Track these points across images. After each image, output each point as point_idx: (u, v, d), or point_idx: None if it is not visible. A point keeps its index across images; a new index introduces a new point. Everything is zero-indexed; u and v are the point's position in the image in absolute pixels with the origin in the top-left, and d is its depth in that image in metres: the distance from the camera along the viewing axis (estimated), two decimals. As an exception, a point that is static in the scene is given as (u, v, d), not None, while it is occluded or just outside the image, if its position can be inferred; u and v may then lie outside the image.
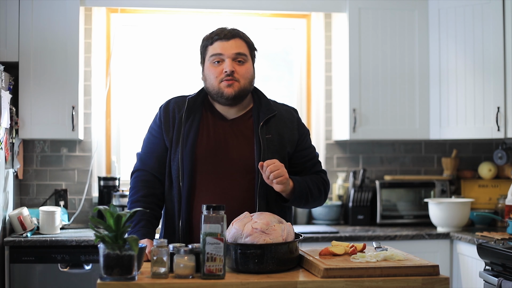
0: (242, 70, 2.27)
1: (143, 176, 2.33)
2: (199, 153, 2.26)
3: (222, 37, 2.26)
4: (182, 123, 2.29)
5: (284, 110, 2.39)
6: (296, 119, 2.40)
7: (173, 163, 2.27)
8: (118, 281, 1.67)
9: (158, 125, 2.34)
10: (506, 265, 2.99)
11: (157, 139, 2.33)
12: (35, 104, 3.68)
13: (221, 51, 2.25)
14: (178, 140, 2.27)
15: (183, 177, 2.24)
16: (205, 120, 2.31)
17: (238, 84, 2.25)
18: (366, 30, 3.99)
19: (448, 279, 1.79)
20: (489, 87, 3.79)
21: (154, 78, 4.23)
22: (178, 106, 2.33)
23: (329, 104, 4.30)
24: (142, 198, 2.28)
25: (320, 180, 2.37)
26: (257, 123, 2.29)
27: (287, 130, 2.34)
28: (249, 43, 2.33)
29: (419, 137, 4.07)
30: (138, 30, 4.24)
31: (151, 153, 2.34)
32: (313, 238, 3.59)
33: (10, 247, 3.35)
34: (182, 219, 2.23)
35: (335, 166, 4.30)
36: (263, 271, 1.83)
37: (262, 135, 2.27)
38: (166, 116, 2.32)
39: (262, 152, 2.24)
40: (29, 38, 3.67)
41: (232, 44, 2.26)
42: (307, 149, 2.40)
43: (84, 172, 4.05)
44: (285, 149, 2.31)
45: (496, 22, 3.75)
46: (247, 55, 2.30)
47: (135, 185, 2.33)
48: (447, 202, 3.79)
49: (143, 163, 2.35)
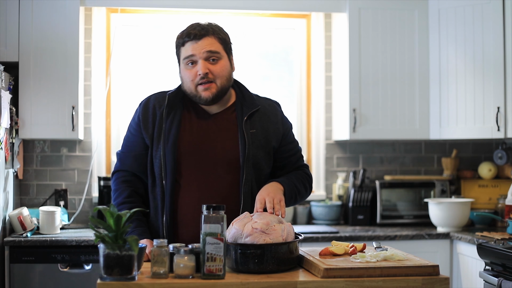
0: (217, 69, 2.21)
1: (124, 177, 2.32)
2: (182, 149, 2.23)
3: (192, 37, 2.21)
4: (163, 119, 2.25)
5: (267, 104, 2.36)
6: (280, 113, 2.37)
7: (155, 160, 2.25)
8: (118, 281, 1.67)
9: (137, 123, 2.31)
10: (506, 265, 2.99)
11: (136, 137, 2.31)
12: (35, 104, 3.68)
13: (193, 52, 2.20)
14: (160, 137, 2.24)
15: (166, 174, 2.21)
16: (187, 116, 2.28)
17: (215, 85, 2.21)
18: (366, 30, 3.99)
19: (448, 279, 1.79)
20: (489, 87, 3.79)
21: (154, 78, 4.23)
22: (158, 102, 2.29)
23: (329, 104, 4.30)
24: (126, 199, 2.25)
25: (305, 176, 2.37)
26: (240, 117, 2.26)
27: (271, 124, 2.31)
28: (222, 39, 2.24)
29: (419, 137, 4.07)
30: (138, 30, 4.23)
31: (130, 152, 2.32)
32: (313, 238, 3.59)
33: (10, 247, 3.35)
34: (166, 216, 2.20)
35: (335, 166, 4.30)
36: (263, 271, 1.82)
37: (246, 129, 2.24)
38: (146, 113, 2.29)
39: (247, 147, 2.22)
40: (29, 38, 3.67)
41: (203, 43, 2.20)
42: (292, 143, 2.39)
43: (84, 172, 4.05)
44: (270, 143, 2.29)
45: (496, 22, 3.75)
46: (220, 52, 2.23)
47: (117, 187, 2.30)
48: (447, 202, 3.79)
49: (122, 163, 2.34)
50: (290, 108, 4.35)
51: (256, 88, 4.23)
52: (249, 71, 4.28)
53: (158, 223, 2.24)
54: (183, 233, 2.20)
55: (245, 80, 2.46)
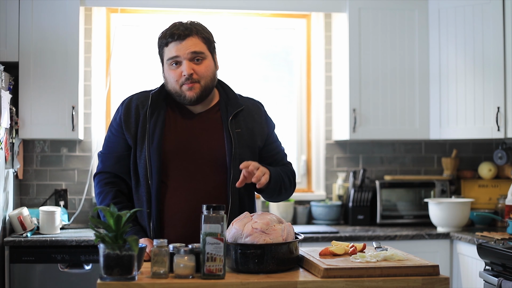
0: (202, 69, 2.20)
1: (107, 179, 2.30)
2: (167, 150, 2.21)
3: (176, 38, 2.19)
4: (147, 119, 2.23)
5: (251, 104, 2.36)
6: (263, 113, 2.38)
7: (139, 161, 2.23)
8: (118, 281, 1.67)
9: (118, 123, 2.28)
10: (506, 265, 2.99)
11: (117, 137, 2.28)
12: (35, 104, 3.68)
13: (177, 53, 2.19)
14: (144, 137, 2.22)
15: (152, 175, 2.19)
16: (171, 115, 2.26)
17: (199, 85, 2.20)
18: (366, 30, 3.99)
19: (448, 279, 1.79)
20: (489, 87, 3.79)
21: (154, 78, 4.22)
22: (141, 102, 2.28)
23: (329, 104, 4.30)
24: (114, 201, 2.23)
25: (289, 171, 2.37)
26: (225, 117, 2.26)
27: (256, 124, 2.31)
28: (206, 38, 2.23)
29: (419, 137, 4.07)
30: (138, 30, 4.24)
31: (111, 153, 2.30)
32: (313, 238, 3.59)
33: (10, 247, 3.35)
34: (153, 218, 2.19)
35: (335, 166, 4.30)
36: (263, 271, 1.82)
37: (232, 129, 2.23)
38: (128, 113, 2.27)
39: (233, 146, 2.21)
40: (29, 38, 3.67)
41: (187, 43, 2.19)
42: (276, 141, 2.40)
43: (84, 172, 4.05)
44: (256, 143, 2.29)
45: (496, 22, 3.75)
46: (205, 52, 2.22)
47: (101, 190, 2.28)
48: (447, 202, 3.79)
49: (104, 164, 2.32)
50: (290, 108, 4.35)
51: (256, 88, 4.25)
52: (249, 71, 4.28)
53: (144, 223, 2.22)
54: (170, 234, 2.18)
55: (245, 80, 2.46)
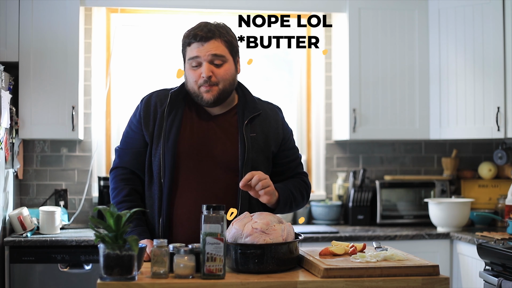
0: (221, 72, 2.19)
1: (123, 175, 2.30)
2: (181, 149, 2.21)
3: (198, 39, 2.18)
4: (164, 117, 2.24)
5: (269, 109, 2.34)
6: (281, 119, 2.36)
7: (154, 158, 2.23)
8: (118, 281, 1.67)
9: (138, 120, 2.29)
10: (506, 265, 2.99)
11: (136, 133, 2.29)
12: (35, 104, 3.68)
13: (198, 53, 2.18)
14: (160, 135, 2.22)
15: (165, 173, 2.19)
16: (188, 115, 2.26)
17: (217, 88, 2.19)
18: (366, 30, 3.99)
19: (448, 279, 1.79)
20: (489, 87, 3.79)
21: (154, 78, 4.23)
22: (160, 100, 2.28)
23: (329, 104, 4.30)
24: (126, 198, 2.24)
25: (302, 185, 2.34)
26: (241, 121, 2.25)
27: (271, 129, 2.30)
28: (228, 41, 2.21)
29: (419, 137, 4.07)
30: (138, 30, 4.24)
31: (129, 148, 2.30)
32: (313, 238, 3.59)
33: (10, 247, 3.35)
34: (163, 216, 2.19)
35: (335, 166, 4.30)
36: (263, 271, 1.82)
37: (246, 133, 2.22)
38: (147, 110, 2.27)
39: (246, 150, 2.20)
40: (29, 38, 3.67)
41: (209, 46, 2.17)
42: (291, 149, 2.37)
43: (84, 172, 4.05)
44: (270, 148, 2.28)
45: (496, 22, 3.75)
46: (226, 55, 2.20)
47: (116, 185, 2.29)
48: (447, 202, 3.79)
49: (121, 159, 2.32)
50: (290, 108, 4.35)
51: (256, 88, 4.24)
52: (249, 71, 4.27)
53: (154, 222, 2.23)
54: (178, 233, 2.19)
55: (245, 80, 2.46)
